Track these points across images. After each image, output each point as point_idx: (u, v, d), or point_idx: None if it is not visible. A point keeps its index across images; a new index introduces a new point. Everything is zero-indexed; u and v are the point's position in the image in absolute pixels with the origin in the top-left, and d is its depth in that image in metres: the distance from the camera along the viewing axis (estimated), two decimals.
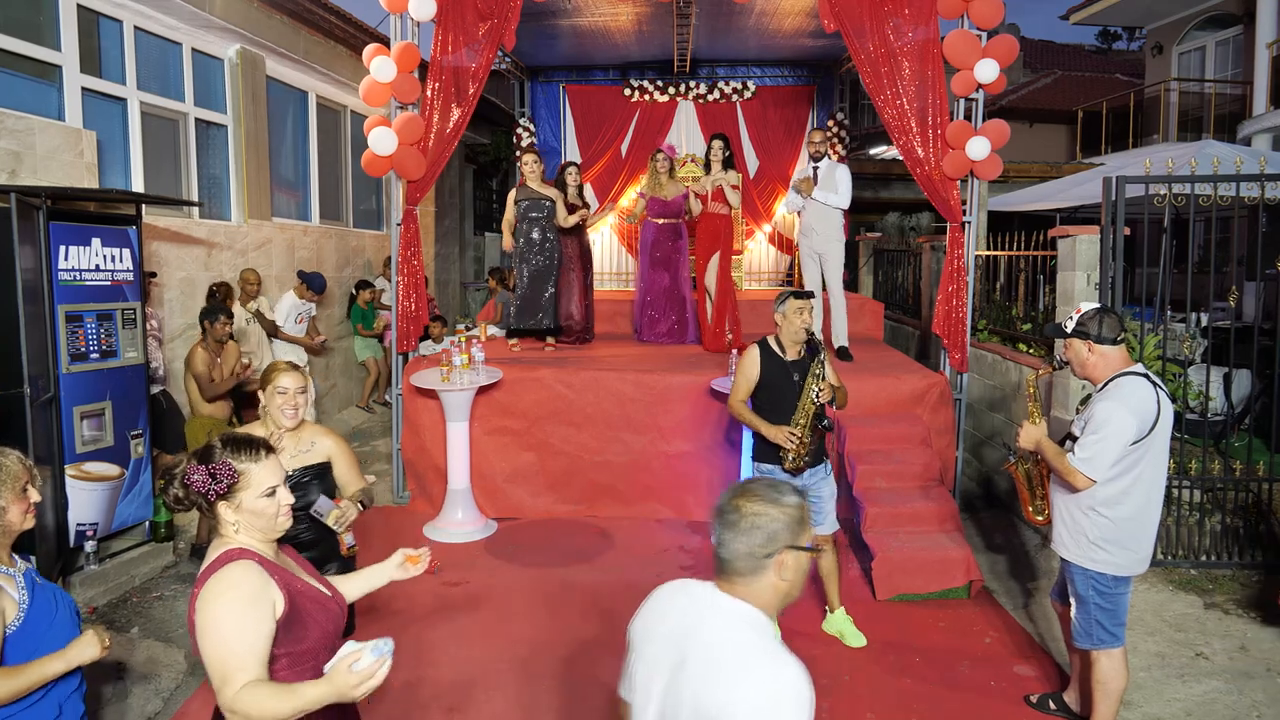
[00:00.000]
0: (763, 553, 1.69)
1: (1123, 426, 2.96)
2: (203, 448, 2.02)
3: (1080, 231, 5.33)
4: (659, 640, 1.76)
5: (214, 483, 1.95)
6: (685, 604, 1.77)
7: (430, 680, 3.88)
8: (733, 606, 1.71)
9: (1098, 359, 3.11)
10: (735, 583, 1.72)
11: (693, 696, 1.62)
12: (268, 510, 2.02)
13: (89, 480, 4.83)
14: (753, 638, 1.67)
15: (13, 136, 4.97)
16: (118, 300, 5.01)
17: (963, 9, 5.84)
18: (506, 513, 6.07)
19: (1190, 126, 13.15)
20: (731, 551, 1.71)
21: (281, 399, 3.09)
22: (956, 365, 6.20)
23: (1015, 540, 5.68)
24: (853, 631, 4.29)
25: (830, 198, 6.55)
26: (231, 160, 7.41)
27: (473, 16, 6.09)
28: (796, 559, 1.72)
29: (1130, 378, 3.04)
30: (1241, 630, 4.36)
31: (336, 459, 3.23)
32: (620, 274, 10.68)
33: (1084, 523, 3.15)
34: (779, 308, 4.11)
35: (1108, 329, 3.07)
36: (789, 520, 1.72)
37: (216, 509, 1.99)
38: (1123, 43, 30.90)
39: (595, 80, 10.33)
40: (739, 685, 1.58)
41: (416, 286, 6.38)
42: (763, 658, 1.63)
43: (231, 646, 1.79)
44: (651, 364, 6.46)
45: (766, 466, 4.14)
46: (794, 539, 1.72)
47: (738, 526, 1.70)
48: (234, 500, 1.98)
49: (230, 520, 1.99)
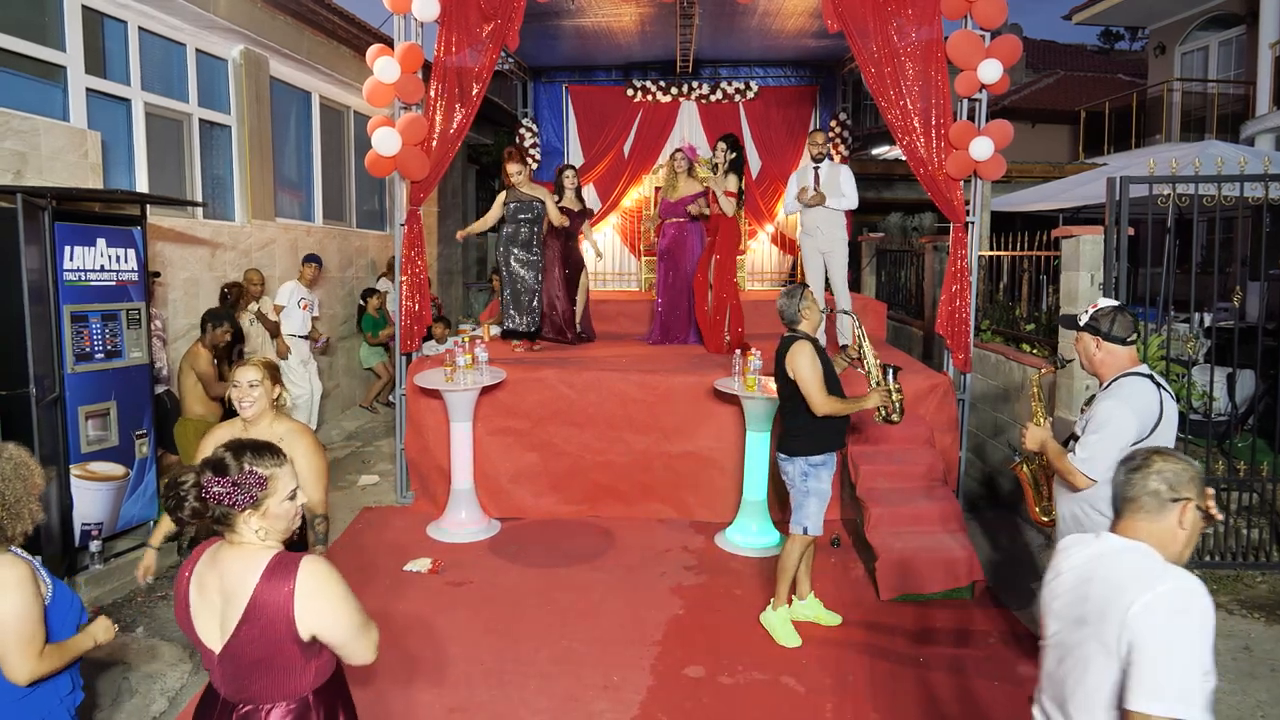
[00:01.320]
0: (1169, 496, 1.88)
1: (1123, 426, 2.96)
2: (214, 460, 2.00)
3: (1084, 232, 5.33)
4: (1064, 593, 2.00)
5: (241, 493, 1.95)
6: (1083, 556, 1.99)
7: (433, 679, 3.89)
8: (1132, 544, 1.90)
9: (1105, 356, 3.10)
10: (1138, 521, 1.91)
11: (1099, 617, 1.83)
12: (289, 513, 2.05)
13: (94, 480, 4.84)
14: (1152, 564, 1.85)
15: (18, 137, 4.98)
16: (122, 300, 5.02)
17: (966, 9, 5.84)
18: (510, 513, 6.08)
19: (1192, 127, 13.15)
20: (1139, 489, 1.90)
21: (235, 392, 3.12)
22: (960, 365, 6.20)
23: (1019, 540, 5.68)
24: (826, 612, 4.50)
25: (840, 201, 6.54)
26: (235, 161, 7.42)
27: (476, 17, 6.10)
28: (1196, 516, 1.89)
29: (1134, 378, 3.03)
30: (1245, 630, 4.36)
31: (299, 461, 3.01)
32: (623, 274, 10.68)
33: (1086, 523, 3.15)
34: (803, 304, 4.20)
35: (1119, 328, 3.06)
36: (1195, 476, 1.91)
37: (237, 520, 1.98)
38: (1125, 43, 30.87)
39: (598, 81, 10.34)
40: (1146, 591, 1.76)
41: (420, 287, 6.38)
42: (1164, 573, 1.82)
43: (353, 617, 2.03)
44: (654, 364, 6.46)
45: (818, 458, 4.22)
46: (1198, 497, 1.90)
47: (1149, 468, 1.91)
48: (261, 508, 1.99)
49: (256, 528, 1.99)
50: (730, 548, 5.53)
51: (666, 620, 4.51)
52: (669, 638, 4.32)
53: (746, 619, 4.50)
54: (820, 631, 4.39)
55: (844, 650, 4.21)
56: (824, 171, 6.60)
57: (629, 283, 10.64)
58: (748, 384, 5.48)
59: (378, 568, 5.16)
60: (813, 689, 3.86)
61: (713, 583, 5.02)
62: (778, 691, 3.84)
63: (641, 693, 3.81)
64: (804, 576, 4.49)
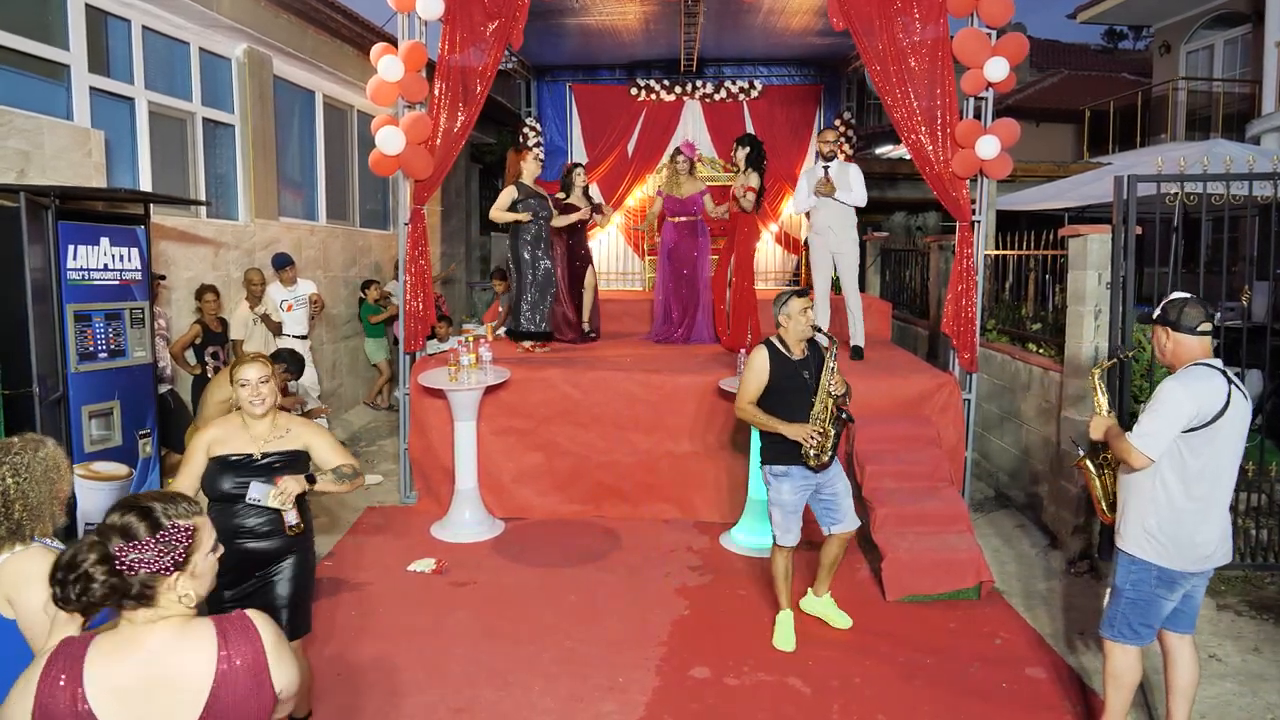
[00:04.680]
0: None
1: (1178, 406, 2.97)
2: (118, 525, 1.66)
3: (1091, 230, 5.30)
4: None
5: (167, 553, 1.65)
6: None
7: (437, 680, 3.87)
8: None
9: (1174, 346, 3.12)
10: None
11: None
12: (213, 569, 1.78)
13: (98, 480, 4.80)
14: None
15: (21, 136, 4.97)
16: (126, 300, 5.01)
17: (972, 7, 5.81)
18: (514, 513, 6.06)
19: (1198, 126, 13.10)
20: None
21: (245, 390, 3.08)
22: (966, 365, 6.17)
23: (1025, 541, 5.65)
24: (837, 613, 4.41)
25: (848, 196, 6.50)
26: (239, 160, 7.41)
27: (480, 15, 6.08)
28: None
29: (1201, 367, 3.05)
30: (1254, 632, 4.33)
31: (315, 443, 3.17)
32: (626, 274, 10.67)
33: (1144, 509, 3.13)
34: (782, 308, 4.11)
35: (1187, 318, 3.07)
36: None
37: (160, 589, 1.65)
38: (1128, 42, 30.84)
39: (601, 80, 10.32)
40: None
41: (424, 286, 6.37)
42: None
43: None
44: (659, 364, 6.44)
45: (779, 469, 4.12)
46: None
47: None
48: (190, 566, 1.70)
49: (182, 593, 1.68)
50: (735, 548, 5.51)
51: (671, 621, 4.49)
52: (674, 638, 4.30)
53: (752, 620, 4.48)
54: (827, 633, 4.37)
55: (850, 652, 4.19)
56: (834, 170, 6.56)
57: (633, 282, 10.63)
58: None
59: (381, 568, 5.15)
60: (819, 690, 3.84)
61: (718, 583, 5.00)
62: (784, 693, 3.82)
63: (647, 694, 3.79)
64: (824, 575, 4.44)
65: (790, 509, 4.16)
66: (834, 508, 4.22)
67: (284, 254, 7.48)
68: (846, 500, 4.22)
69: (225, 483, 3.01)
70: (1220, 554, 3.14)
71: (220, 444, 3.08)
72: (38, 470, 2.33)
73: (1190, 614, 3.26)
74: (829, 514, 4.25)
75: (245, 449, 3.07)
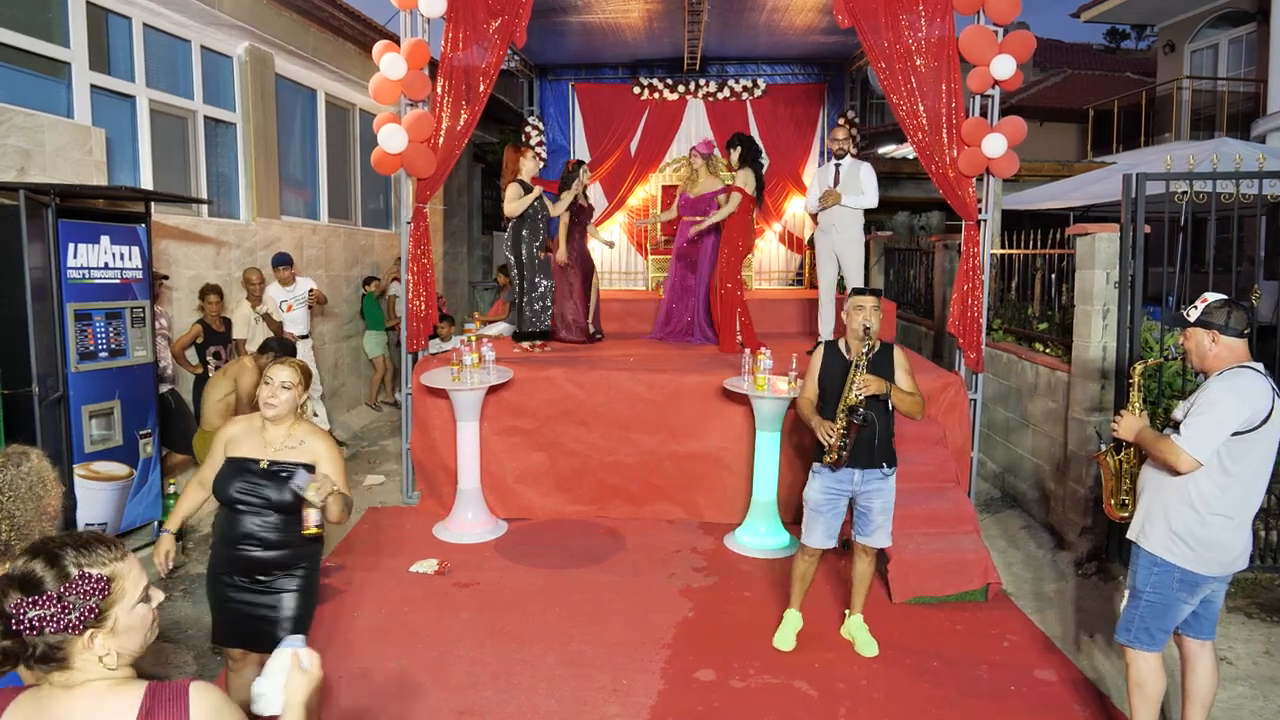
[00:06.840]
0: None
1: (1233, 409, 2.93)
2: (19, 575, 1.44)
3: (1100, 229, 5.26)
4: None
5: (74, 609, 1.41)
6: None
7: (440, 681, 3.83)
8: None
9: (1220, 350, 3.08)
10: None
11: None
12: (146, 622, 1.53)
13: (98, 480, 4.80)
14: None
15: (21, 134, 4.94)
16: (127, 299, 4.98)
17: (979, 4, 5.77)
18: (516, 513, 6.02)
19: (1202, 125, 13.06)
20: None
21: (265, 389, 3.01)
22: (972, 365, 6.13)
23: (1032, 542, 5.61)
24: (865, 639, 4.19)
25: (859, 200, 6.42)
26: (240, 158, 7.38)
27: (483, 13, 6.04)
28: None
29: (1247, 370, 3.02)
30: (1265, 634, 4.29)
31: (323, 462, 3.08)
32: (629, 273, 10.63)
33: (1173, 512, 3.09)
34: (845, 306, 4.11)
35: (1235, 321, 3.04)
36: None
37: (74, 649, 1.43)
38: (1131, 41, 30.81)
39: (604, 78, 10.29)
40: None
41: (426, 285, 6.33)
42: None
43: None
44: (663, 364, 6.41)
45: (815, 466, 4.12)
46: None
47: None
48: (108, 622, 1.46)
49: (102, 653, 1.46)
50: (740, 549, 5.47)
51: (676, 622, 4.46)
52: (679, 640, 4.26)
53: (757, 622, 4.44)
54: (833, 635, 4.33)
55: (857, 654, 4.14)
56: (845, 168, 6.49)
57: (636, 282, 10.60)
58: (757, 383, 5.42)
59: (383, 569, 5.11)
60: (826, 693, 3.80)
61: (722, 584, 4.96)
62: (790, 696, 3.78)
63: (652, 696, 3.75)
64: (854, 591, 4.27)
65: (813, 506, 4.11)
66: (864, 520, 4.12)
67: (283, 254, 7.46)
68: (879, 519, 4.09)
69: (230, 488, 2.97)
70: (1244, 559, 3.10)
71: (235, 444, 3.04)
72: (22, 486, 2.17)
73: (1210, 619, 3.21)
74: (857, 523, 4.17)
75: (254, 453, 3.02)
